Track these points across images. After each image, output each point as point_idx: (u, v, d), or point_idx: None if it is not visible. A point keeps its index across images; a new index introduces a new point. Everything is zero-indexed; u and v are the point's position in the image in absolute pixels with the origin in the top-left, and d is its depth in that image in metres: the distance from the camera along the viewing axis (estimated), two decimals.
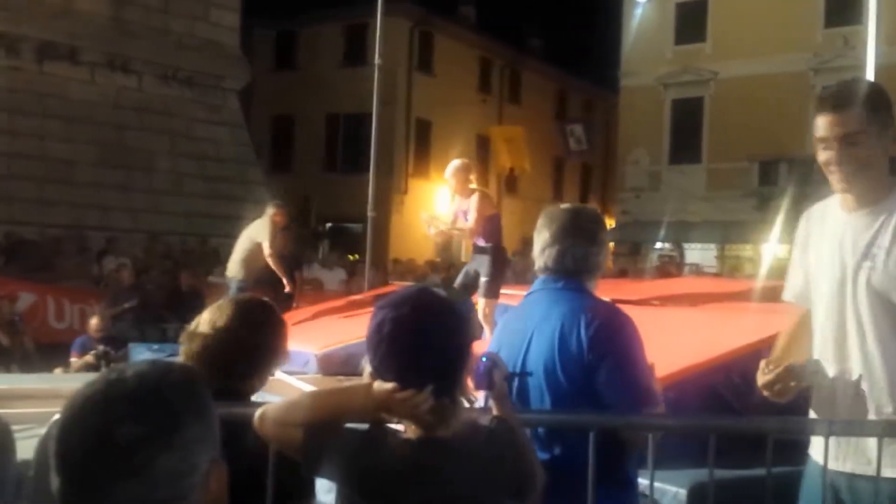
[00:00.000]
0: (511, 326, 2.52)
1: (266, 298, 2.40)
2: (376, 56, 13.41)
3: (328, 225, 25.07)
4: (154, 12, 18.22)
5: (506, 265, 7.71)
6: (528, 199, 28.36)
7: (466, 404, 1.92)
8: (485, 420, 1.82)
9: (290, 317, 8.54)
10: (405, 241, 23.02)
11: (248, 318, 2.19)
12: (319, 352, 7.01)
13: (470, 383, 1.92)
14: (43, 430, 2.36)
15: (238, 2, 20.03)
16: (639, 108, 26.70)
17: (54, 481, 1.06)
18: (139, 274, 12.60)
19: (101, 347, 8.84)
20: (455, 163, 7.31)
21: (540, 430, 2.33)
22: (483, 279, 6.87)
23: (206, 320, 2.20)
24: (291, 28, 27.35)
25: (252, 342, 2.16)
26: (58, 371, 8.66)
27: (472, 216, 7.08)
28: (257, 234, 8.95)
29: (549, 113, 31.50)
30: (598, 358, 2.29)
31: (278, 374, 6.39)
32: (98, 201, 16.45)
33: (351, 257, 18.07)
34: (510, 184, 27.76)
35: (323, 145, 27.06)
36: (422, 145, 26.60)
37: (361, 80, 21.55)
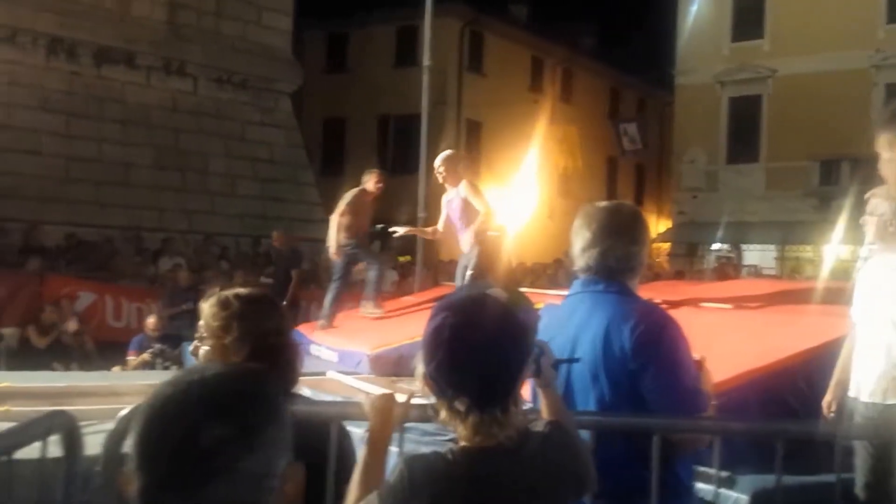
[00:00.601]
0: (552, 329, 2.44)
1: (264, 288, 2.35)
2: (425, 57, 13.37)
3: (379, 226, 25.15)
4: (208, 16, 18.47)
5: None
6: (582, 200, 27.83)
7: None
8: (538, 426, 1.77)
9: (346, 316, 8.56)
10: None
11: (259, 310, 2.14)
12: (372, 352, 7.01)
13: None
14: (105, 426, 2.40)
15: (290, 5, 20.20)
16: (695, 106, 26.24)
17: (138, 480, 1.05)
18: (195, 274, 12.75)
19: (157, 346, 9.02)
20: (446, 152, 7.30)
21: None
22: (470, 272, 6.84)
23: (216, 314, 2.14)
24: (342, 30, 27.51)
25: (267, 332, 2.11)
26: (116, 369, 8.85)
27: (478, 200, 6.98)
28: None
29: (602, 112, 31.15)
30: (643, 363, 2.24)
31: (332, 374, 6.42)
32: (154, 203, 16.74)
33: (402, 259, 18.07)
34: (563, 185, 27.50)
35: (374, 147, 27.15)
36: (472, 146, 26.50)
37: (412, 82, 21.57)
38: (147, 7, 17.42)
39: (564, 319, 2.41)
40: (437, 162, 7.18)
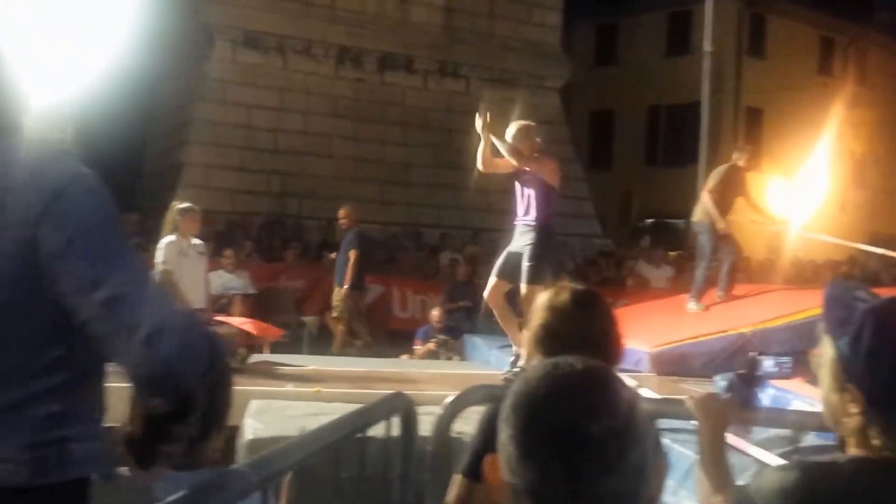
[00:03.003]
0: None
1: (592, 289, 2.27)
2: (706, 43, 12.72)
3: (649, 220, 24.52)
4: (481, 18, 18.98)
5: (552, 248, 6.75)
6: (878, 192, 25.43)
7: None
8: None
9: (623, 313, 8.38)
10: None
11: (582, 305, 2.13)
12: (652, 350, 6.78)
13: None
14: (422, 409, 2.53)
15: (560, 0, 20.20)
16: None
17: (522, 471, 1.06)
18: (470, 268, 13.11)
19: (440, 336, 9.44)
20: (519, 124, 6.57)
21: None
22: (526, 263, 6.19)
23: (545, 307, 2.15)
24: (612, 21, 27.11)
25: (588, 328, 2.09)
26: (403, 357, 9.37)
27: (534, 165, 6.32)
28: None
29: None
30: None
31: None
32: (431, 201, 17.53)
33: (673, 253, 17.43)
34: (857, 175, 25.09)
35: (643, 139, 26.50)
36: (752, 135, 24.96)
37: (684, 70, 20.72)
38: (425, 13, 18.25)
39: None
40: (509, 134, 6.59)
